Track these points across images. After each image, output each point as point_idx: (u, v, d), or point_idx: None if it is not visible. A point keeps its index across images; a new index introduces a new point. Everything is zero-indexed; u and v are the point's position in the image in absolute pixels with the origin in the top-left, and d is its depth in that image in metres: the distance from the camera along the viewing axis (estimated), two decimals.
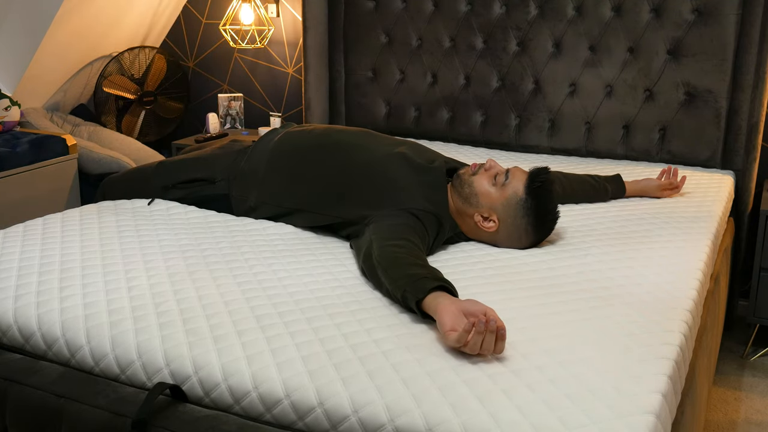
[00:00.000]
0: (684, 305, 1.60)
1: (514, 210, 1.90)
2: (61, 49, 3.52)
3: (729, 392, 2.56)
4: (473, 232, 1.98)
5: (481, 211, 1.93)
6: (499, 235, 1.94)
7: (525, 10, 3.04)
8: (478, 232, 1.97)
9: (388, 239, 1.72)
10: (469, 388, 1.24)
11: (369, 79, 3.41)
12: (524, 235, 1.93)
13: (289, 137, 2.18)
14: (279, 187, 2.09)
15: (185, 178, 2.22)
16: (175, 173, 2.25)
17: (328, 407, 1.25)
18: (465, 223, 1.98)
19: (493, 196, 1.91)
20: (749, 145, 2.79)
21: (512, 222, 1.91)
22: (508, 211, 1.90)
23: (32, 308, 1.56)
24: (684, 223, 2.16)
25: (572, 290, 1.66)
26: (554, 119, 3.08)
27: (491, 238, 1.96)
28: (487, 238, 1.97)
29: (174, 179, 2.24)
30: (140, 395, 1.35)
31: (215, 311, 1.52)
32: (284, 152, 2.13)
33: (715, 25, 2.76)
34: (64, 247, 1.86)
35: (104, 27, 3.67)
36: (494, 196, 1.91)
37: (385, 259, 1.63)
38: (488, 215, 1.92)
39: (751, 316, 2.73)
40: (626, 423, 1.16)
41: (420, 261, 1.63)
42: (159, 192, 2.24)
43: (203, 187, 2.19)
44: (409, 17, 3.26)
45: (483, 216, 1.93)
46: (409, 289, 1.49)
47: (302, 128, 2.24)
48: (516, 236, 1.93)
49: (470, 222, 1.96)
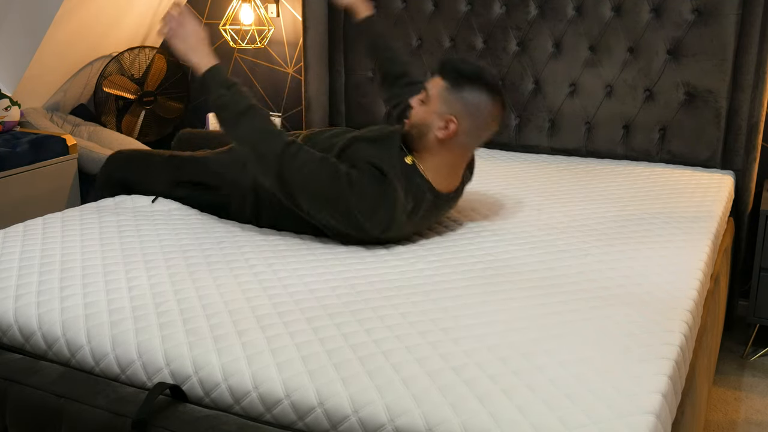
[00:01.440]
0: (684, 305, 1.60)
1: (453, 96, 1.90)
2: (61, 49, 3.52)
3: (729, 392, 2.56)
4: (452, 161, 1.97)
5: (435, 129, 1.92)
6: (470, 127, 1.92)
7: (525, 10, 3.04)
8: (455, 150, 1.95)
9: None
10: (469, 388, 1.24)
11: (369, 79, 3.41)
12: (484, 105, 1.92)
13: None
14: (276, 210, 2.06)
15: (195, 180, 2.22)
16: (187, 171, 2.25)
17: (328, 407, 1.25)
18: (441, 158, 1.95)
19: (430, 109, 1.92)
20: (749, 145, 2.79)
21: (462, 106, 1.90)
22: (450, 102, 1.90)
23: (32, 308, 1.56)
24: (684, 223, 2.16)
25: (572, 290, 1.66)
26: (554, 119, 3.08)
27: (468, 139, 1.94)
28: (465, 144, 1.95)
29: (184, 177, 2.23)
30: (140, 395, 1.35)
31: (215, 311, 1.52)
32: None
33: (715, 25, 2.76)
34: (65, 247, 1.86)
35: (104, 27, 3.67)
36: (431, 107, 1.92)
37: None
38: (442, 123, 1.91)
39: (751, 316, 2.73)
40: (626, 423, 1.16)
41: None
42: (165, 186, 2.24)
43: (208, 192, 2.20)
44: (409, 17, 3.26)
45: (440, 127, 1.91)
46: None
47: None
48: (481, 113, 1.92)
49: (442, 150, 1.93)
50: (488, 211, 2.25)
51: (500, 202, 2.36)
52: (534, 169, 2.81)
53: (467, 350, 1.37)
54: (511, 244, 1.97)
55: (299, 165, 1.85)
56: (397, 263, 1.81)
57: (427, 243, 1.96)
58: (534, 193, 2.46)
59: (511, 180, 2.63)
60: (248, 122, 1.89)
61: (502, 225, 2.12)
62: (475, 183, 2.59)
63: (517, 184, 2.58)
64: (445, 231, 2.06)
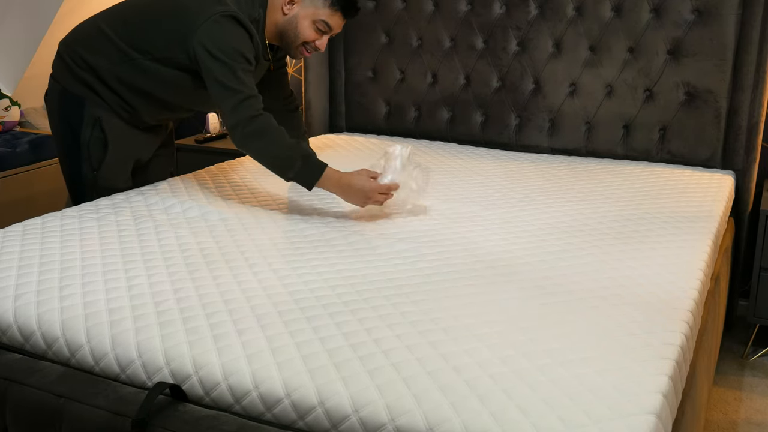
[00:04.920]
0: (685, 305, 1.60)
1: None
2: None
3: (729, 392, 2.56)
4: (301, 29, 2.23)
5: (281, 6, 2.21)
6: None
7: (525, 10, 3.04)
8: (302, 21, 2.22)
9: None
10: (469, 387, 1.24)
11: (369, 79, 3.41)
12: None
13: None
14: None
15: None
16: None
17: (328, 407, 1.25)
18: (291, 29, 2.24)
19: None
20: (749, 145, 2.79)
21: None
22: None
23: (32, 307, 1.56)
24: (684, 223, 2.16)
25: (573, 290, 1.66)
26: (554, 119, 3.08)
27: (313, 7, 2.21)
28: (311, 14, 2.21)
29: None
30: (140, 395, 1.35)
31: (215, 310, 1.52)
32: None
33: (715, 26, 2.76)
34: (64, 246, 1.86)
35: None
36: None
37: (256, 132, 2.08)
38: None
39: (751, 316, 2.73)
40: (627, 423, 1.16)
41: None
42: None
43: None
44: (409, 17, 3.26)
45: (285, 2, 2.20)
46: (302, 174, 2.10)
47: None
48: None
49: (290, 27, 2.22)
50: (489, 210, 2.25)
51: (500, 201, 2.36)
52: (534, 169, 2.81)
53: (468, 350, 1.37)
54: (511, 243, 1.97)
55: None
56: (397, 262, 1.81)
57: (428, 242, 1.96)
58: (534, 193, 2.46)
59: (511, 180, 2.63)
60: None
61: (503, 225, 2.12)
62: (476, 183, 2.59)
63: (517, 184, 2.58)
64: (446, 231, 2.06)
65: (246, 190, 2.43)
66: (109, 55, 2.22)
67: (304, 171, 2.10)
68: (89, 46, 2.25)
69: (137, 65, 2.19)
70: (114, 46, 2.21)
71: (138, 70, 2.20)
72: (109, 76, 2.23)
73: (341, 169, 2.14)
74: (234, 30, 2.10)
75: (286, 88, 2.57)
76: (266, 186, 2.48)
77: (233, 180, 2.55)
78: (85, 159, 2.30)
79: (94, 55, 2.23)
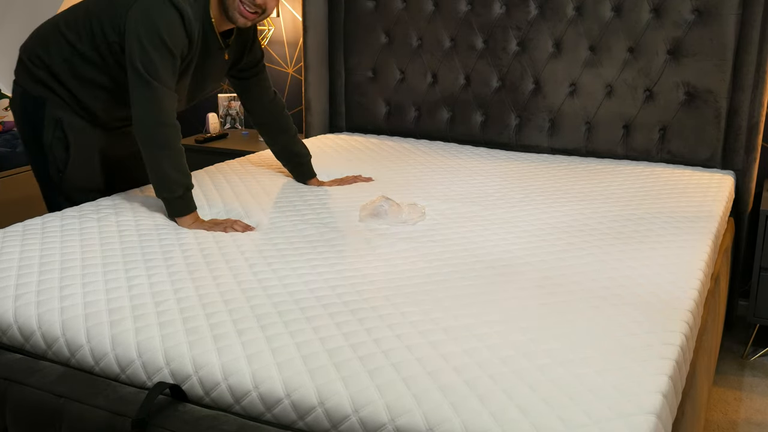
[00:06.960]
0: (685, 305, 1.60)
1: None
2: None
3: (729, 392, 2.56)
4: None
5: None
6: None
7: (525, 10, 3.04)
8: None
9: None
10: (469, 387, 1.24)
11: (369, 79, 3.41)
12: None
13: None
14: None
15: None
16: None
17: (328, 407, 1.25)
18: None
19: None
20: (749, 145, 2.79)
21: None
22: None
23: (32, 307, 1.56)
24: (684, 223, 2.16)
25: (573, 290, 1.66)
26: (554, 119, 3.08)
27: None
28: None
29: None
30: (140, 395, 1.35)
31: (215, 310, 1.52)
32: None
33: (715, 26, 2.76)
34: (64, 246, 1.86)
35: None
36: None
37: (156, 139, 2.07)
38: None
39: (751, 316, 2.73)
40: (627, 423, 1.16)
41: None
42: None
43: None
44: (409, 17, 3.26)
45: None
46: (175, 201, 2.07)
47: None
48: None
49: None
50: (489, 211, 2.25)
51: (500, 202, 2.36)
52: (534, 169, 2.81)
53: (468, 350, 1.37)
54: (512, 243, 1.97)
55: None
56: (397, 262, 1.81)
57: (428, 242, 1.96)
58: (534, 193, 2.46)
59: (511, 180, 2.63)
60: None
61: (503, 225, 2.12)
62: (476, 183, 2.59)
63: (517, 184, 2.58)
64: (446, 231, 2.06)
65: (246, 190, 2.43)
66: (61, 50, 2.18)
67: (179, 201, 2.08)
68: (45, 44, 2.22)
69: (86, 58, 2.16)
70: (65, 40, 2.17)
71: (88, 64, 2.16)
72: (62, 72, 2.19)
73: (340, 173, 2.13)
74: (164, 13, 2.03)
75: (268, 91, 2.50)
76: (266, 186, 2.48)
77: (233, 180, 2.55)
78: (50, 161, 2.26)
79: (49, 52, 2.20)
